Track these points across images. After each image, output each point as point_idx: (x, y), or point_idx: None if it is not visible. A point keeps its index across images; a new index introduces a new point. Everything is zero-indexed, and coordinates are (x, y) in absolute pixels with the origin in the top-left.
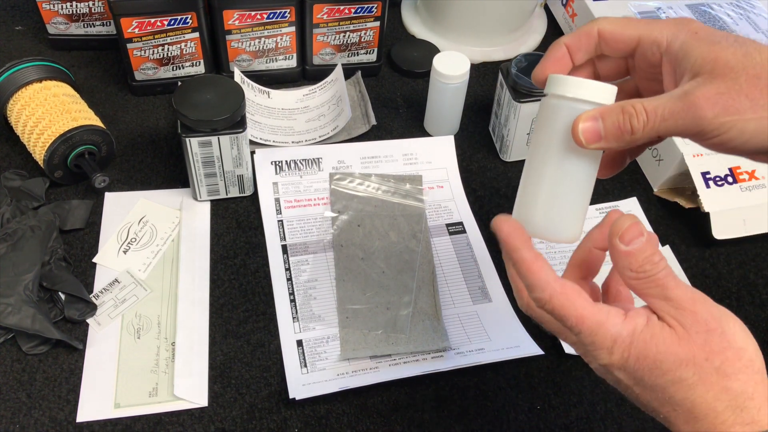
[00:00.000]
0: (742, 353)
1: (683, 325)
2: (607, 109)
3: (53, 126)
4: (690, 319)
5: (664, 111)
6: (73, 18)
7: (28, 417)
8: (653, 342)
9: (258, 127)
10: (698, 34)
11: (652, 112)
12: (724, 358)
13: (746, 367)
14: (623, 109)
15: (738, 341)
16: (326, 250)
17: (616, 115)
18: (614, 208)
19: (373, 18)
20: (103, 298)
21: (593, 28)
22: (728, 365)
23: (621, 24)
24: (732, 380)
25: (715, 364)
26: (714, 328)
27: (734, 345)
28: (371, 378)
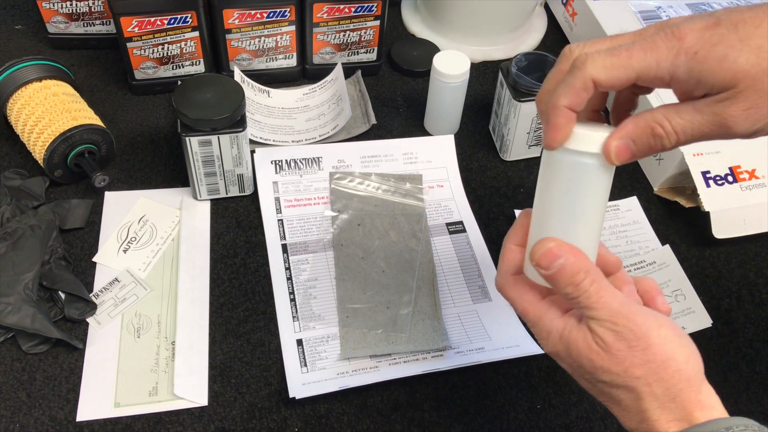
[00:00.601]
0: (668, 364)
1: (604, 341)
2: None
3: (53, 125)
4: (611, 337)
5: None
6: (73, 17)
7: (28, 416)
8: (576, 344)
9: (258, 126)
10: (698, 55)
11: (683, 133)
12: (645, 369)
13: (671, 377)
14: (653, 132)
15: (663, 353)
16: (326, 249)
17: (647, 138)
18: (615, 207)
19: (373, 17)
20: (103, 298)
21: (587, 80)
22: (650, 375)
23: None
24: (654, 387)
25: (634, 374)
26: (635, 345)
27: (658, 358)
28: (371, 377)
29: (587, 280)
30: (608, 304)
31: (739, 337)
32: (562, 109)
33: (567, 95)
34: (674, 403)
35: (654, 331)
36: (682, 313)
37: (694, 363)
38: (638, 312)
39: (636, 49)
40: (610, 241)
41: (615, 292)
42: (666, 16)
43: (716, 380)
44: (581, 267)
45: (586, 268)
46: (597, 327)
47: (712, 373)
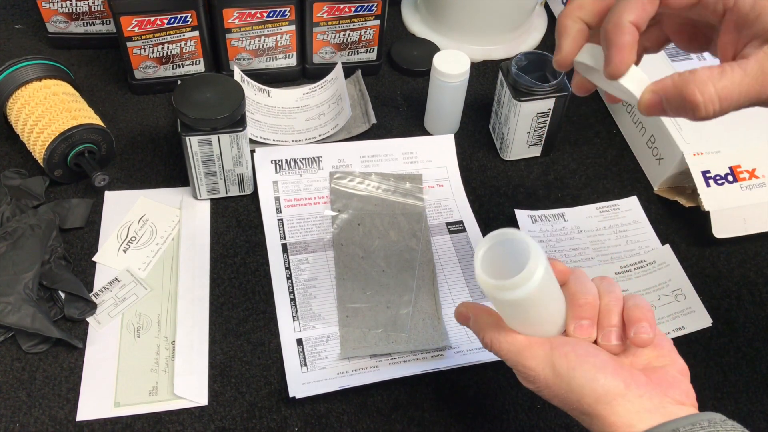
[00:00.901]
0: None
1: (527, 380)
2: (673, 92)
3: (53, 125)
4: (523, 380)
5: (740, 94)
6: (73, 16)
7: (28, 416)
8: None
9: (258, 126)
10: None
11: (726, 99)
12: (558, 401)
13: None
14: (690, 98)
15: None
16: (326, 248)
17: (679, 101)
18: (615, 206)
19: (373, 16)
20: (103, 297)
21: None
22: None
23: None
24: (574, 415)
25: (558, 407)
26: (540, 387)
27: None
28: (371, 377)
29: (487, 336)
30: (508, 352)
31: (739, 336)
32: (628, 25)
33: (632, 9)
34: (596, 428)
35: (547, 370)
36: (682, 313)
37: (601, 385)
38: (531, 354)
39: None
40: (610, 241)
41: (516, 340)
42: None
43: (716, 380)
44: (481, 325)
45: (485, 325)
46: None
47: (712, 372)
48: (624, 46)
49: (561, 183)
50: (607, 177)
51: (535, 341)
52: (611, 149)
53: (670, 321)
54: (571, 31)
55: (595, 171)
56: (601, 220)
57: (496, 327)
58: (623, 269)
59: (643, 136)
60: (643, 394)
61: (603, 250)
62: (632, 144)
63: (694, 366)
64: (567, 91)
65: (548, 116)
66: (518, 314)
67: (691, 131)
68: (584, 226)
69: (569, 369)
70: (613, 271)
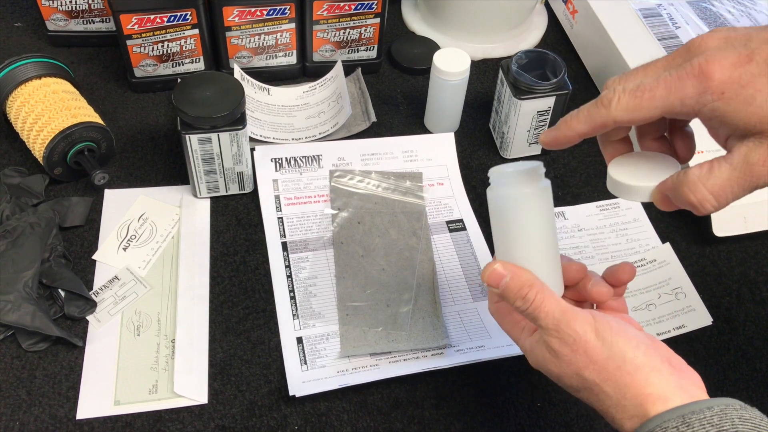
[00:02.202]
0: (608, 362)
1: (552, 348)
2: (674, 195)
3: (53, 123)
4: (556, 343)
5: (732, 187)
6: (73, 14)
7: (27, 414)
8: (539, 358)
9: (258, 124)
10: (725, 95)
11: (721, 195)
12: (590, 371)
13: (613, 374)
14: (687, 200)
15: (602, 352)
16: (326, 247)
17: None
18: (615, 205)
19: (373, 15)
20: (103, 295)
21: (608, 119)
22: (595, 375)
23: (635, 109)
24: (603, 386)
25: (583, 377)
26: (576, 350)
27: (599, 358)
28: (371, 375)
29: (531, 293)
30: (551, 312)
31: (740, 335)
32: (574, 134)
33: (584, 123)
34: (627, 400)
35: (590, 334)
36: (682, 311)
37: (639, 355)
38: (576, 317)
39: (660, 87)
40: (610, 239)
41: (559, 301)
42: (667, 14)
43: (716, 378)
44: (525, 282)
45: (529, 282)
46: (546, 336)
47: (712, 371)
48: (558, 137)
49: (561, 181)
50: None
51: (577, 307)
52: None
53: (670, 319)
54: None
55: (595, 169)
56: (602, 219)
57: (541, 286)
58: None
59: None
60: (673, 373)
61: (603, 248)
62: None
63: (694, 364)
64: (567, 89)
65: (548, 114)
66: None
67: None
68: (584, 224)
69: (612, 335)
70: None
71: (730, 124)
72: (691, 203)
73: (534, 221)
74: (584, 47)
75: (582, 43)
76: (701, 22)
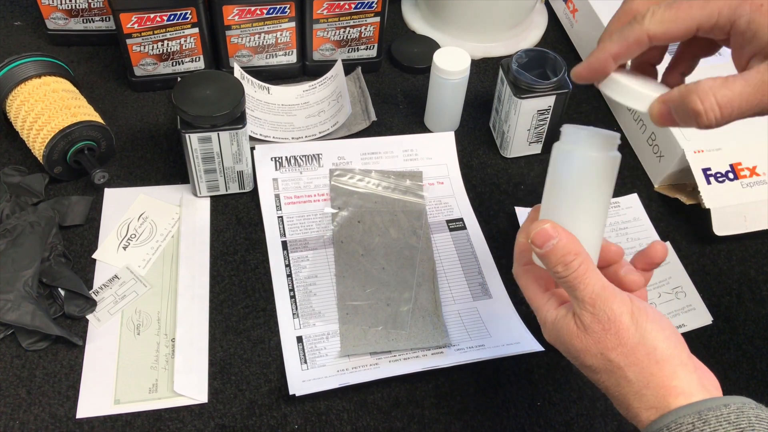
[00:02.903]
0: (638, 348)
1: (583, 322)
2: (680, 102)
3: (52, 122)
4: (588, 318)
5: (741, 103)
6: (73, 13)
7: (27, 413)
8: (563, 331)
9: (258, 123)
10: (763, 7)
11: (727, 107)
12: (617, 353)
13: (640, 361)
14: (692, 107)
15: (633, 337)
16: (326, 246)
17: (684, 110)
18: (615, 204)
19: (373, 13)
20: (103, 294)
21: (642, 35)
22: (621, 359)
23: (671, 20)
24: (627, 371)
25: (609, 357)
26: (608, 329)
27: (629, 342)
28: (371, 374)
29: (576, 261)
30: (591, 286)
31: (740, 334)
32: (608, 55)
33: (618, 44)
34: (648, 390)
35: (626, 316)
36: (682, 310)
37: (669, 347)
38: (615, 297)
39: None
40: (610, 238)
41: (600, 277)
42: None
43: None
44: (572, 249)
45: (576, 250)
46: (579, 309)
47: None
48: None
49: None
50: None
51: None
52: None
53: (670, 318)
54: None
55: None
56: None
57: (586, 257)
58: None
59: (643, 133)
60: (696, 371)
61: None
62: (633, 141)
63: None
64: (567, 88)
65: (549, 113)
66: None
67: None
68: None
69: (647, 321)
70: None
71: (762, 38)
72: (696, 111)
73: (596, 188)
74: (584, 46)
75: (582, 42)
76: None
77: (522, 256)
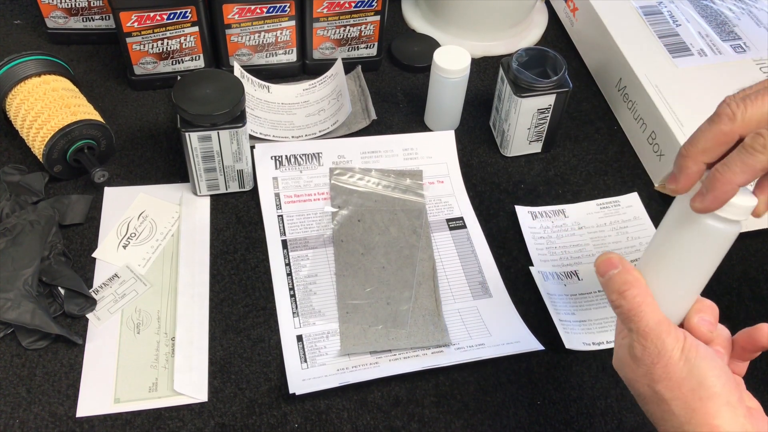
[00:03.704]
0: (684, 383)
1: (635, 353)
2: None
3: (52, 120)
4: (639, 350)
5: None
6: (72, 12)
7: (27, 412)
8: (620, 361)
9: (258, 122)
10: None
11: None
12: (663, 385)
13: (685, 395)
14: None
15: (680, 372)
16: (326, 245)
17: None
18: (615, 202)
19: (373, 12)
20: (103, 293)
21: (733, 134)
22: (667, 392)
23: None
24: (672, 404)
25: (655, 389)
26: (656, 362)
27: (674, 376)
28: (371, 373)
29: (631, 292)
30: (645, 319)
31: None
32: (699, 161)
33: (742, 174)
34: (690, 425)
35: (677, 351)
36: None
37: (717, 385)
38: (670, 333)
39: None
40: (610, 237)
41: (656, 312)
42: (667, 11)
43: None
44: (630, 280)
45: (634, 282)
46: (633, 341)
47: None
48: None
49: (561, 179)
50: (608, 173)
51: (674, 325)
52: (612, 145)
53: None
54: (691, 172)
55: (595, 167)
56: (602, 217)
57: (645, 291)
58: None
59: (643, 132)
60: (746, 415)
61: (603, 246)
62: (633, 140)
63: None
64: (568, 87)
65: (549, 112)
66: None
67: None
68: (585, 222)
69: (698, 357)
70: None
71: None
72: None
73: (709, 256)
74: (585, 45)
75: (582, 41)
76: (702, 19)
77: None
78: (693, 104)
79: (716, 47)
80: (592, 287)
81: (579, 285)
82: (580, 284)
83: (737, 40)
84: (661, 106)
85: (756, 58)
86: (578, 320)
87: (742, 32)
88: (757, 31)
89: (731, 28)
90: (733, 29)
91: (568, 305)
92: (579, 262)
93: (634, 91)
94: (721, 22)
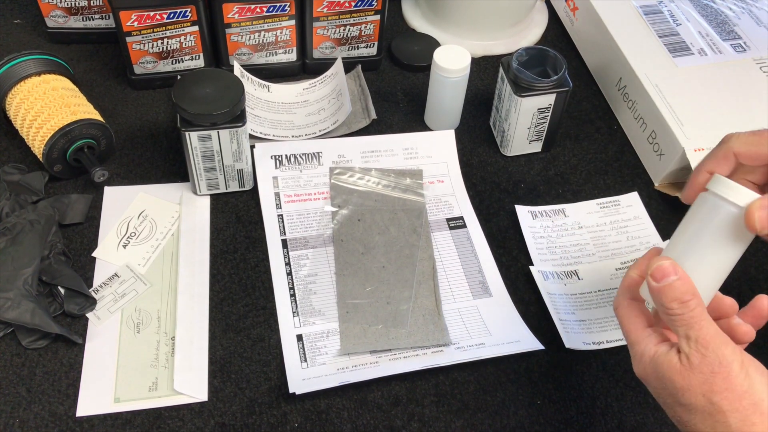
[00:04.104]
0: (745, 396)
1: (690, 361)
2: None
3: (52, 120)
4: (698, 358)
5: None
6: (72, 11)
7: (27, 411)
8: (663, 367)
9: (258, 121)
10: None
11: None
12: (722, 397)
13: (745, 408)
14: None
15: (742, 385)
16: (326, 244)
17: None
18: (615, 202)
19: (373, 11)
20: (103, 293)
21: (729, 151)
22: (726, 404)
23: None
24: (729, 416)
25: (712, 400)
26: (717, 372)
27: (737, 389)
28: (371, 372)
29: (693, 302)
30: (705, 329)
31: None
32: (704, 172)
33: (709, 161)
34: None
35: (737, 364)
36: None
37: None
38: (728, 344)
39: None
40: (610, 237)
41: (713, 322)
42: (667, 10)
43: None
44: (691, 290)
45: (695, 292)
46: (687, 348)
47: None
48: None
49: (561, 179)
50: (608, 173)
51: (727, 336)
52: (612, 145)
53: None
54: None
55: (595, 167)
56: (602, 216)
57: (702, 301)
58: (624, 265)
59: (644, 131)
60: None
61: (604, 245)
62: (633, 139)
63: None
64: (568, 86)
65: (549, 112)
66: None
67: (693, 127)
68: (585, 221)
69: (757, 373)
70: (614, 267)
71: None
72: None
73: (734, 247)
74: (585, 44)
75: (583, 40)
76: (702, 19)
77: (629, 289)
78: (693, 104)
79: (716, 47)
80: (592, 287)
81: (579, 284)
82: (580, 284)
83: (737, 40)
84: (661, 105)
85: (756, 57)
86: (578, 320)
87: (742, 32)
88: (758, 30)
89: (731, 28)
90: (733, 29)
91: (568, 305)
92: (579, 261)
93: (634, 90)
94: (721, 22)
